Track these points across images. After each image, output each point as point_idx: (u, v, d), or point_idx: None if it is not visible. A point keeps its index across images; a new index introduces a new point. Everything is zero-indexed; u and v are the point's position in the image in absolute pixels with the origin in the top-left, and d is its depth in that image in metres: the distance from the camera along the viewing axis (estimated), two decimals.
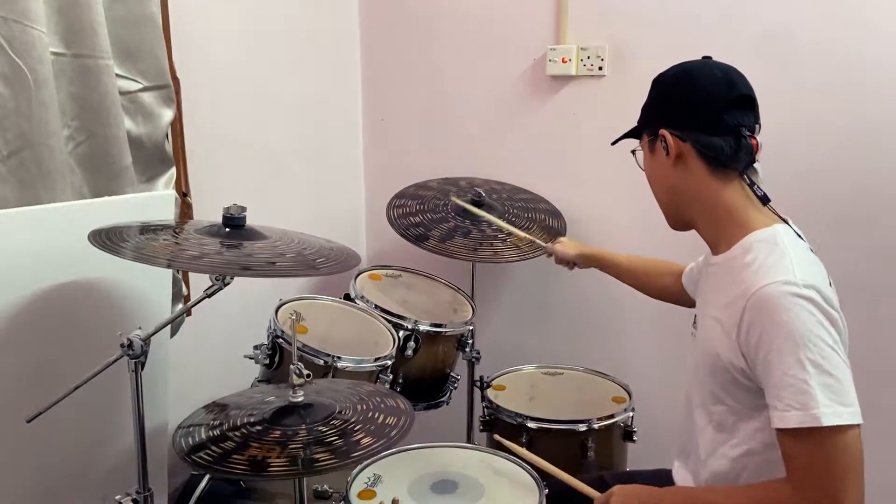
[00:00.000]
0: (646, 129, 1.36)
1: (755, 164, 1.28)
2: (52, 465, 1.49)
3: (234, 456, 1.20)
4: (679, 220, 1.37)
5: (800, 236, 1.27)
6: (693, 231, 1.37)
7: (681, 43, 2.00)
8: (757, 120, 1.27)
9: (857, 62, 1.87)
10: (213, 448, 1.22)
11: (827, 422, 1.08)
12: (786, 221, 1.28)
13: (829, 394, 1.09)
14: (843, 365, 1.12)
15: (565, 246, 1.91)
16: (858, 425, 1.10)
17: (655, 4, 2.07)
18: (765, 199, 1.26)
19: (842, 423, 1.09)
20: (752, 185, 1.26)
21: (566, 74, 2.20)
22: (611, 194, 2.23)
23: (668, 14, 2.05)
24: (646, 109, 1.37)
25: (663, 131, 1.28)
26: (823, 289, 1.15)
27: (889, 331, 1.90)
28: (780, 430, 1.14)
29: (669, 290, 1.69)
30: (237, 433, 1.26)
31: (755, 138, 1.24)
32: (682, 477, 1.42)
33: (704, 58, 1.32)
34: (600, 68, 2.16)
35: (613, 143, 1.46)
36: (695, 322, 1.41)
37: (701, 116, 1.25)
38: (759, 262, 1.19)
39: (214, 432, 1.27)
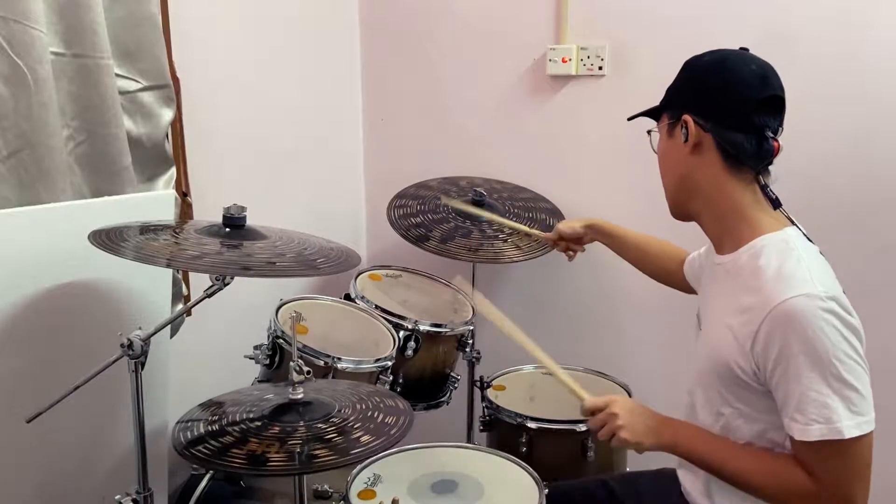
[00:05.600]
0: (668, 110, 1.32)
1: (770, 167, 1.26)
2: (52, 465, 1.49)
3: (233, 450, 1.20)
4: (682, 210, 1.35)
5: (809, 240, 1.25)
6: (695, 229, 1.36)
7: (681, 43, 1.99)
8: (781, 123, 1.24)
9: (857, 64, 1.87)
10: (212, 442, 1.22)
11: (849, 434, 1.10)
12: (795, 224, 1.26)
13: (852, 406, 1.11)
14: (864, 374, 1.13)
15: (570, 220, 1.87)
16: (872, 430, 1.13)
17: (655, 4, 2.07)
18: (776, 204, 1.24)
19: (861, 433, 1.11)
20: (765, 187, 1.25)
21: (566, 74, 2.20)
22: (611, 193, 2.23)
23: (668, 14, 2.05)
24: (672, 90, 1.33)
25: (686, 116, 1.25)
26: (841, 296, 1.15)
27: (889, 331, 1.90)
28: (800, 442, 1.14)
29: (670, 275, 1.67)
30: (236, 428, 1.26)
31: (777, 141, 1.22)
32: (689, 479, 1.39)
33: (742, 48, 1.29)
34: (600, 68, 2.16)
35: (630, 119, 1.42)
36: (699, 320, 1.40)
37: (728, 110, 1.23)
38: (775, 270, 1.17)
39: (213, 427, 1.27)
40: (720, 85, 1.24)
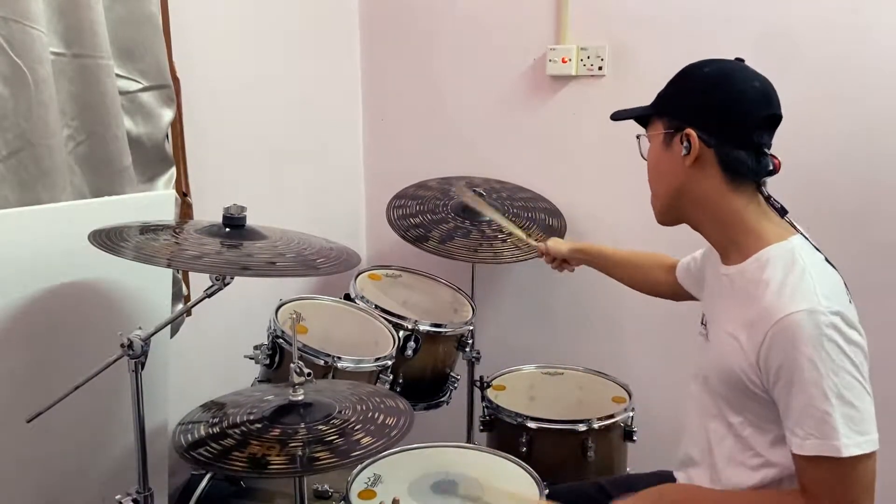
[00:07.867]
0: (663, 118, 1.29)
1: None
2: (52, 465, 1.49)
3: (234, 453, 1.20)
4: (673, 218, 1.33)
5: (816, 248, 1.24)
6: (691, 231, 1.35)
7: (681, 43, 2.00)
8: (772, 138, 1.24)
9: (857, 64, 1.87)
10: (213, 445, 1.22)
11: (847, 453, 1.09)
12: (800, 233, 1.26)
13: (851, 424, 1.10)
14: (864, 393, 1.12)
15: (557, 242, 1.86)
16: (875, 451, 1.11)
17: (655, 4, 2.07)
18: (782, 212, 1.24)
19: (860, 452, 1.10)
20: (768, 197, 1.24)
21: (566, 74, 2.20)
22: (610, 193, 2.23)
23: (668, 14, 2.05)
24: (668, 98, 1.30)
25: (689, 131, 1.23)
26: (845, 310, 1.14)
27: (889, 330, 1.90)
28: (799, 457, 1.14)
29: (661, 285, 1.66)
30: (237, 430, 1.26)
31: (777, 158, 1.22)
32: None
33: (737, 59, 1.27)
34: (600, 68, 2.16)
35: (615, 118, 1.39)
36: (704, 326, 1.38)
37: (733, 128, 1.22)
38: (780, 282, 1.16)
39: (214, 429, 1.27)
40: (727, 102, 1.22)
